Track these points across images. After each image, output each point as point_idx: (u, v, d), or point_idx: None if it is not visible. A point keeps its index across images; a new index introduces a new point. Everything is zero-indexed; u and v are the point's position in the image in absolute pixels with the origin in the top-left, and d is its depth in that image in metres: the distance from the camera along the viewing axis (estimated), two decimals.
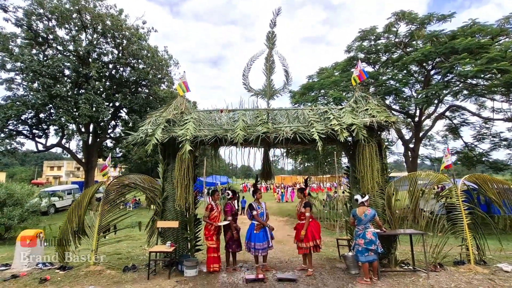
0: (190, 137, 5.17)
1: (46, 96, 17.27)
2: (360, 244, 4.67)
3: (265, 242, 5.14)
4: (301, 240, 5.14)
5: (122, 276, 5.06)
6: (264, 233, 5.15)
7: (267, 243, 5.16)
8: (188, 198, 5.22)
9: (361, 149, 5.27)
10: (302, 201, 5.44)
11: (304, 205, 5.29)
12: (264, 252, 5.14)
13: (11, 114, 16.56)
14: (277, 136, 5.16)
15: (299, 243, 5.22)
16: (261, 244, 5.11)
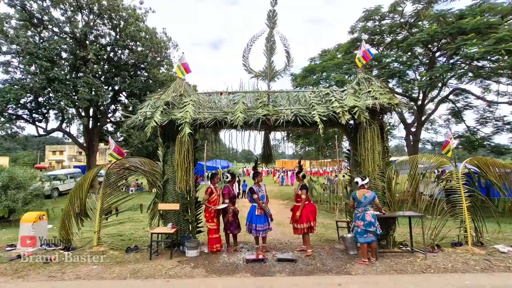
0: (189, 119, 5.10)
1: (44, 80, 17.06)
2: (359, 225, 4.72)
3: (266, 223, 5.23)
4: (296, 221, 5.24)
5: (124, 256, 5.17)
6: (265, 215, 5.24)
7: (267, 225, 5.24)
8: (188, 180, 5.22)
9: (362, 132, 5.21)
10: (299, 184, 5.46)
11: (301, 188, 5.33)
12: (264, 234, 5.24)
13: (10, 98, 16.43)
14: (277, 118, 5.09)
15: (295, 224, 5.33)
16: (261, 226, 5.18)
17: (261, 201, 5.31)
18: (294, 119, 5.11)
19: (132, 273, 4.35)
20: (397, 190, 5.56)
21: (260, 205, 5.23)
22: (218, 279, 4.13)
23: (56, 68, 17.35)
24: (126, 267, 4.60)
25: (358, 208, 4.82)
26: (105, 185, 5.74)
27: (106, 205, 5.72)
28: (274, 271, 4.45)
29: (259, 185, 5.44)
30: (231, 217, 5.38)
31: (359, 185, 4.87)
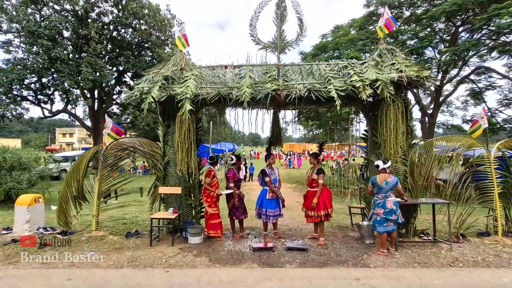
0: (190, 95, 4.59)
1: (46, 60, 16.64)
2: (379, 213, 4.24)
3: (277, 209, 4.84)
4: (313, 208, 4.76)
5: (124, 242, 4.87)
6: (277, 200, 4.85)
7: (278, 210, 4.84)
8: (190, 162, 4.79)
9: (384, 109, 4.61)
10: (314, 167, 4.95)
11: (317, 172, 4.83)
12: (275, 219, 4.87)
13: (13, 78, 16.14)
14: (289, 94, 4.53)
15: (309, 212, 4.84)
16: (272, 211, 4.80)
17: (273, 184, 4.87)
18: (308, 94, 4.53)
19: (130, 261, 4.03)
20: (420, 176, 5.01)
21: (272, 189, 4.81)
22: (222, 269, 3.77)
23: (58, 47, 16.82)
24: (124, 254, 4.29)
25: (378, 194, 4.32)
26: (103, 167, 5.36)
27: (104, 187, 5.38)
28: (284, 261, 4.06)
29: (272, 167, 4.98)
30: (237, 202, 4.98)
31: (380, 168, 4.34)
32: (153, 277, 3.52)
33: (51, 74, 18.44)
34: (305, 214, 4.98)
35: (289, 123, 15.34)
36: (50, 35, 16.88)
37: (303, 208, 5.03)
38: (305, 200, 5.02)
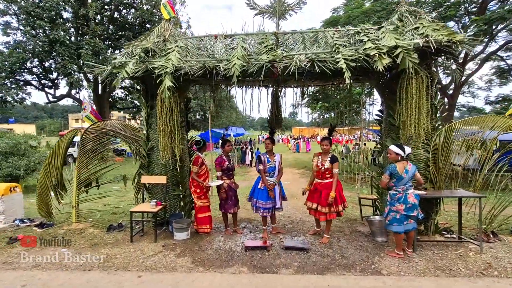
0: (171, 69, 3.88)
1: (46, 42, 16.12)
2: (399, 210, 3.52)
3: (270, 201, 4.20)
4: (330, 204, 4.01)
5: (104, 236, 4.38)
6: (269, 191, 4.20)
7: (271, 203, 4.20)
8: (174, 148, 4.15)
9: (405, 84, 3.77)
10: (326, 154, 4.16)
11: (331, 160, 4.08)
12: (267, 213, 4.23)
13: (13, 62, 15.77)
14: (287, 66, 3.75)
15: (323, 208, 4.04)
16: (263, 203, 4.19)
17: (267, 173, 4.23)
18: (311, 66, 3.74)
19: (102, 262, 3.52)
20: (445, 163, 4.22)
21: (263, 178, 4.20)
22: (204, 275, 3.20)
23: (57, 29, 16.22)
24: (98, 252, 3.78)
25: (397, 186, 3.57)
26: (81, 153, 4.82)
27: (84, 176, 4.86)
28: (279, 264, 3.45)
29: (272, 153, 4.31)
30: (223, 194, 4.37)
31: (405, 154, 3.57)
32: (120, 284, 2.98)
33: (52, 57, 17.98)
34: (314, 211, 4.20)
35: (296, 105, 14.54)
36: (49, 16, 16.27)
37: (311, 204, 4.21)
38: (313, 194, 4.20)
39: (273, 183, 4.24)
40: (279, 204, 4.28)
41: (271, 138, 4.38)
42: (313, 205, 4.17)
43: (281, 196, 4.34)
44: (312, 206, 4.18)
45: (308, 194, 4.30)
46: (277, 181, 4.27)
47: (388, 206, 3.65)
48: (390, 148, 3.67)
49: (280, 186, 4.37)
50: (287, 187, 10.15)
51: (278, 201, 4.27)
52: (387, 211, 3.65)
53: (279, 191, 4.32)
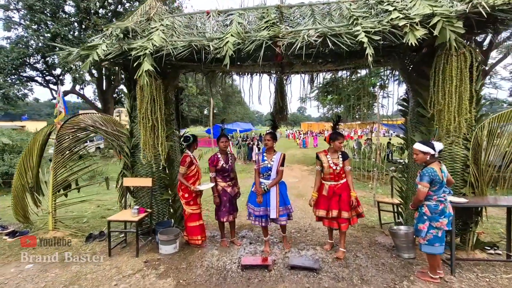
0: (151, 49, 3.19)
1: (48, 37, 15.76)
2: (442, 226, 2.73)
3: (262, 208, 3.51)
4: (353, 207, 3.37)
5: (80, 248, 3.79)
6: (265, 196, 3.53)
7: (263, 210, 3.51)
8: (157, 146, 3.49)
9: (442, 63, 2.98)
10: (335, 152, 3.46)
11: (343, 157, 3.44)
12: (259, 221, 3.55)
13: (14, 57, 15.50)
14: (292, 43, 3.00)
15: (345, 213, 3.34)
16: (256, 209, 3.52)
17: (261, 174, 3.57)
18: (322, 43, 2.98)
19: (68, 284, 2.91)
20: (487, 163, 3.42)
21: (255, 180, 3.57)
22: None
23: (58, 23, 15.80)
24: (67, 270, 3.18)
25: (438, 195, 2.75)
26: (57, 152, 4.22)
27: (61, 177, 4.28)
28: None
29: (271, 151, 3.61)
30: (216, 198, 3.70)
31: (435, 152, 2.80)
32: None
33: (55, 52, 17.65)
34: (330, 220, 3.48)
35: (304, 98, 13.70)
36: (50, 10, 15.89)
37: (328, 212, 3.43)
38: (330, 199, 3.43)
39: (263, 187, 3.51)
40: (274, 213, 3.46)
41: (273, 133, 3.64)
42: (333, 213, 3.39)
43: (278, 205, 3.50)
44: (332, 214, 3.40)
45: (320, 201, 3.53)
46: (272, 185, 3.51)
47: (426, 222, 2.81)
48: (415, 147, 2.87)
49: (281, 192, 3.57)
50: (295, 185, 9.57)
51: (273, 209, 3.47)
52: (424, 229, 2.80)
53: (276, 197, 3.51)
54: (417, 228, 2.85)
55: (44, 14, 15.54)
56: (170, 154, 4.12)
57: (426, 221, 2.79)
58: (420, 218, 2.84)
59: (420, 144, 2.83)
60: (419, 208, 2.84)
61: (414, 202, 2.86)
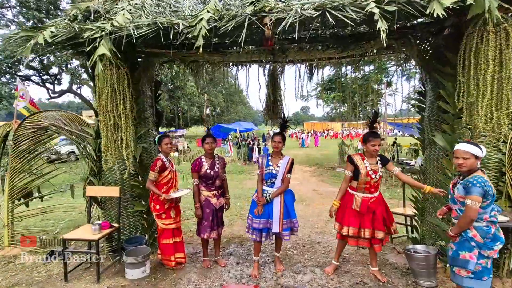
0: (109, 31, 2.58)
1: None
2: (493, 255, 2.07)
3: (262, 220, 2.93)
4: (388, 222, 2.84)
5: (34, 270, 3.20)
6: (267, 207, 2.95)
7: (264, 223, 2.92)
8: (121, 149, 2.88)
9: (475, 44, 2.32)
10: (373, 156, 2.81)
11: (382, 161, 2.82)
12: (257, 235, 2.97)
13: (8, 56, 15.07)
14: (281, 19, 2.36)
15: (379, 233, 2.77)
16: (254, 220, 2.96)
17: (264, 181, 2.97)
18: (320, 18, 2.34)
19: None
20: None
21: (257, 188, 2.99)
22: None
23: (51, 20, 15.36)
24: None
25: (488, 213, 2.06)
26: (15, 155, 3.65)
27: (19, 184, 3.70)
28: None
29: (278, 154, 3.02)
30: (198, 210, 3.09)
31: (480, 157, 2.13)
32: None
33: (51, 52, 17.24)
34: (357, 239, 2.87)
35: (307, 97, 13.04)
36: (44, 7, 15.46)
37: (356, 229, 2.80)
38: (362, 216, 2.79)
39: (266, 197, 2.94)
40: (276, 227, 2.90)
41: (282, 134, 3.00)
42: (366, 232, 2.76)
43: (281, 217, 2.93)
44: (365, 234, 2.77)
45: (347, 216, 2.86)
46: (276, 194, 2.94)
47: (475, 250, 2.08)
48: (462, 148, 2.12)
49: (285, 203, 2.98)
50: (295, 188, 8.91)
51: (276, 222, 2.91)
52: (473, 259, 2.07)
53: (280, 209, 2.94)
54: (457, 256, 2.13)
55: (38, 11, 15.10)
56: (144, 158, 3.52)
57: (475, 249, 2.07)
58: (465, 245, 2.12)
59: (471, 146, 2.10)
60: (464, 231, 2.13)
61: (461, 225, 2.10)
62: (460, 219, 2.10)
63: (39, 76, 19.27)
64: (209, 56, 3.33)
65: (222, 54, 3.26)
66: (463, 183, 2.10)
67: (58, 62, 16.95)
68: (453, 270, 2.19)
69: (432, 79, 3.09)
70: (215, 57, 3.33)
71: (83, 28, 2.62)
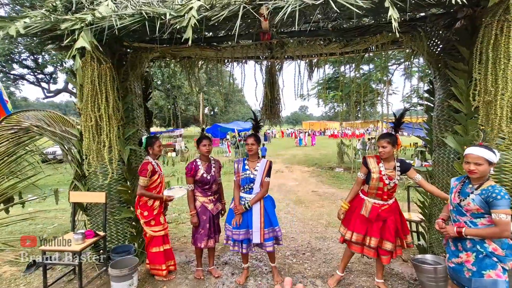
0: (90, 21, 2.34)
1: None
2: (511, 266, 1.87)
3: (242, 230, 2.73)
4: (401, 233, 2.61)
5: (13, 282, 2.96)
6: (246, 215, 2.75)
7: (244, 233, 2.71)
8: (103, 151, 2.64)
9: (493, 35, 2.10)
10: (389, 161, 2.57)
11: (402, 168, 2.56)
12: (238, 246, 2.78)
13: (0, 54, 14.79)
14: (280, 8, 2.13)
15: (388, 244, 2.55)
16: (233, 231, 2.76)
17: (241, 187, 2.76)
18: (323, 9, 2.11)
19: None
20: None
21: (234, 195, 2.80)
22: None
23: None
24: None
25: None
26: None
27: None
28: None
29: (254, 158, 2.79)
30: (194, 218, 2.86)
31: (494, 163, 1.89)
32: None
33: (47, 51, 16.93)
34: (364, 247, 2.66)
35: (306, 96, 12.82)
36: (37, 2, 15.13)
37: (362, 237, 2.60)
38: (371, 224, 2.58)
39: (243, 205, 2.72)
40: (257, 237, 2.67)
41: (256, 135, 2.79)
42: (372, 241, 2.55)
43: (262, 227, 2.70)
44: (370, 243, 2.56)
45: (354, 220, 2.67)
46: (255, 201, 2.71)
47: (498, 266, 1.86)
48: (473, 153, 1.91)
49: (266, 210, 2.76)
50: (293, 188, 8.71)
51: (256, 232, 2.68)
52: (500, 277, 1.84)
53: (260, 217, 2.71)
54: (481, 277, 1.87)
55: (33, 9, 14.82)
56: (132, 161, 3.28)
57: (498, 265, 1.85)
58: (486, 262, 1.88)
59: (484, 150, 1.88)
60: (478, 244, 1.90)
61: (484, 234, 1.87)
62: (487, 231, 1.86)
63: (34, 75, 18.97)
64: (201, 51, 3.10)
65: (216, 49, 3.02)
66: (481, 195, 1.87)
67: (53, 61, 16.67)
68: None
69: (442, 76, 2.87)
70: (208, 52, 3.09)
71: (60, 19, 2.37)
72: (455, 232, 1.95)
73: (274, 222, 2.77)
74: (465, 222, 1.97)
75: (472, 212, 1.91)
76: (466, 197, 1.95)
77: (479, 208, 1.87)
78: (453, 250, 2.05)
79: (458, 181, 2.08)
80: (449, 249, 2.09)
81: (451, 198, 2.09)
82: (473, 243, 1.92)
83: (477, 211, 1.89)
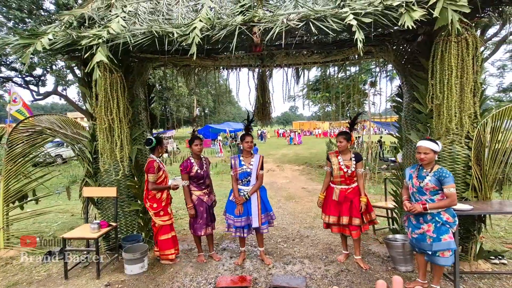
0: (106, 38, 2.72)
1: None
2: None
3: (241, 218, 3.16)
4: (361, 211, 3.09)
5: (34, 269, 3.29)
6: (245, 205, 3.19)
7: (244, 221, 3.15)
8: (116, 151, 3.02)
9: (440, 51, 2.61)
10: (346, 153, 3.17)
11: (356, 158, 3.14)
12: (240, 232, 3.21)
13: None
14: (269, 28, 2.57)
15: (355, 219, 3.09)
16: (235, 220, 3.18)
17: (239, 181, 3.19)
18: (304, 28, 2.57)
19: None
20: (491, 164, 3.07)
21: (233, 188, 3.22)
22: None
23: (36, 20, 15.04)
24: None
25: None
26: (9, 158, 3.70)
27: (14, 187, 3.76)
28: None
29: (248, 154, 3.23)
30: (191, 209, 3.26)
31: (437, 151, 2.51)
32: None
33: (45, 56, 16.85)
34: (341, 227, 3.22)
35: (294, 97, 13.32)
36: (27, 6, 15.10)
37: (338, 218, 3.17)
38: (341, 205, 3.15)
39: (243, 196, 3.17)
40: (256, 222, 3.14)
41: (249, 134, 3.25)
42: (344, 219, 3.12)
43: (260, 213, 3.18)
44: (343, 221, 3.13)
45: (328, 206, 3.25)
46: (253, 191, 3.18)
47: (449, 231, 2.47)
48: (423, 145, 2.49)
49: (262, 198, 3.25)
50: (285, 186, 9.18)
51: (255, 218, 3.15)
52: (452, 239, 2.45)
53: (258, 205, 3.19)
54: (439, 241, 2.43)
55: (20, 11, 14.76)
56: (139, 159, 3.66)
57: (449, 230, 2.45)
58: (442, 229, 2.45)
59: (430, 142, 2.49)
60: (436, 216, 2.45)
61: (442, 206, 2.43)
62: (443, 202, 2.41)
63: (22, 78, 18.79)
64: (201, 61, 3.51)
65: (214, 59, 3.45)
66: (435, 175, 2.41)
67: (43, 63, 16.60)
68: (436, 255, 2.46)
69: (408, 82, 3.38)
70: (207, 62, 3.51)
71: (80, 36, 2.74)
72: (421, 208, 2.46)
73: (268, 208, 3.27)
74: (426, 200, 2.49)
75: (430, 191, 2.47)
76: (424, 179, 2.49)
77: (435, 186, 2.43)
78: (414, 223, 2.57)
79: (414, 169, 2.60)
80: (411, 223, 2.61)
81: (412, 182, 2.60)
82: (432, 215, 2.47)
83: (433, 189, 2.45)
